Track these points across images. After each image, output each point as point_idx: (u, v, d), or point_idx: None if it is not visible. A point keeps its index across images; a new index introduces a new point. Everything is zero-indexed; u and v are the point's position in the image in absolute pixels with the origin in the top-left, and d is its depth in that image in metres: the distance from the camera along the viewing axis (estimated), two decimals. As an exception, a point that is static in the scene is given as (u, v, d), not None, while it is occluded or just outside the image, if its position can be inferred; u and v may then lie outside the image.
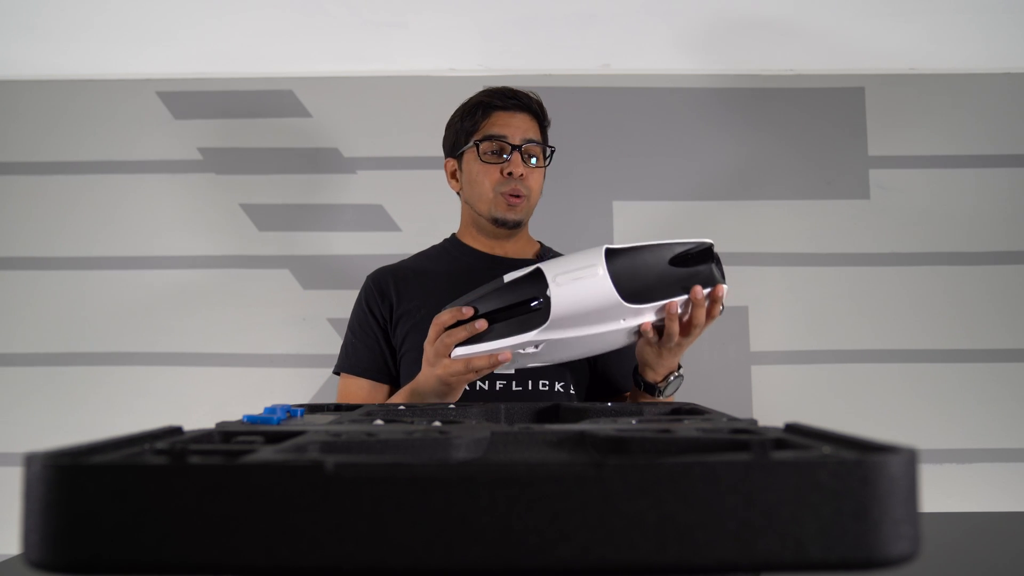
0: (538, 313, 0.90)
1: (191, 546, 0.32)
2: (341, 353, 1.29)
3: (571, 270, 0.88)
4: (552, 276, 0.88)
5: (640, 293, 0.91)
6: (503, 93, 1.27)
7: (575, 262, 0.90)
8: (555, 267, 0.90)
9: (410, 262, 1.35)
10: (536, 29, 1.81)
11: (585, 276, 0.88)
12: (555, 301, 0.87)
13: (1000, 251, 1.93)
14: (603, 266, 0.88)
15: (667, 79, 2.00)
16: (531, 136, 1.25)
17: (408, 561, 0.32)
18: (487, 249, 1.31)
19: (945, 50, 1.90)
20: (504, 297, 0.92)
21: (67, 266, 1.94)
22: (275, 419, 0.56)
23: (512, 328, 0.91)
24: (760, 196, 1.97)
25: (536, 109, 1.28)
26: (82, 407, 1.88)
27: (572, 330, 0.92)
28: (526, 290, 0.91)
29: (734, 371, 1.91)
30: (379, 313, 1.26)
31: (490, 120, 1.26)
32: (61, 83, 1.98)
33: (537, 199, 1.29)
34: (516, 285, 0.92)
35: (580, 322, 0.91)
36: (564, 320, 0.89)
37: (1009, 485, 1.84)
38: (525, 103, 1.27)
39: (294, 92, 1.99)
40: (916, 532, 0.33)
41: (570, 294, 0.88)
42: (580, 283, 0.88)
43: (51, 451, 0.35)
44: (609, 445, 0.45)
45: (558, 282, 0.88)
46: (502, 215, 1.25)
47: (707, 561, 0.32)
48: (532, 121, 1.27)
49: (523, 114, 1.27)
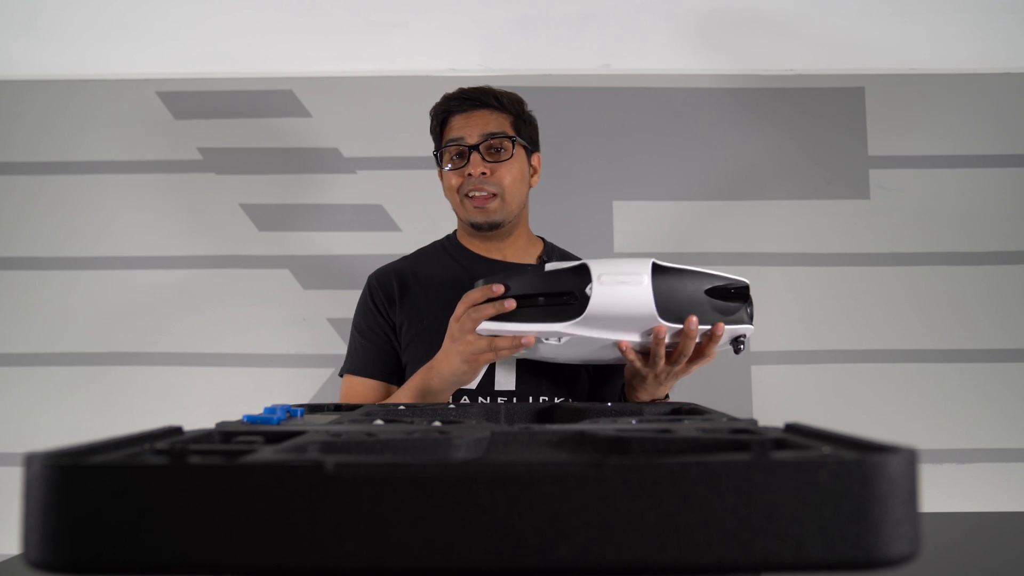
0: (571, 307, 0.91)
1: (191, 546, 0.32)
2: (348, 355, 1.27)
3: (617, 273, 0.90)
4: (597, 274, 0.90)
5: (672, 313, 0.93)
6: (457, 95, 1.25)
7: (622, 267, 0.91)
8: (601, 266, 0.91)
9: (411, 263, 1.32)
10: (536, 29, 1.81)
11: (630, 282, 0.90)
12: (595, 299, 0.89)
13: (1000, 251, 1.93)
14: (648, 277, 0.90)
15: (667, 79, 2.00)
16: (492, 130, 1.20)
17: (408, 561, 0.32)
18: (485, 252, 1.28)
19: (945, 50, 1.90)
20: (541, 284, 0.93)
21: (67, 266, 1.94)
22: (275, 419, 0.56)
23: (542, 315, 0.92)
24: (760, 196, 1.97)
25: (494, 103, 1.23)
26: (82, 407, 1.88)
27: (600, 331, 0.93)
28: (565, 282, 0.92)
29: (734, 371, 1.90)
30: (386, 313, 1.24)
31: (448, 126, 1.24)
32: (61, 83, 1.98)
33: (518, 192, 1.23)
34: (556, 275, 0.93)
35: (610, 325, 0.92)
36: (597, 320, 0.91)
37: (1009, 485, 1.84)
38: (479, 99, 1.23)
39: (294, 92, 1.99)
40: (916, 532, 0.33)
41: (611, 295, 0.90)
42: (623, 288, 0.90)
43: (51, 451, 0.35)
44: (609, 445, 0.45)
45: (602, 281, 0.90)
46: (474, 219, 1.22)
47: (707, 561, 0.32)
48: (493, 115, 1.22)
49: (480, 111, 1.23)
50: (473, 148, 1.19)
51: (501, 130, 1.22)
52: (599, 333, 0.93)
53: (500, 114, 1.24)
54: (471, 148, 1.19)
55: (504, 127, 1.23)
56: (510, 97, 1.26)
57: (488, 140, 1.20)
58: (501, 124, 1.23)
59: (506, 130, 1.22)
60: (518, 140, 1.23)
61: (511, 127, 1.24)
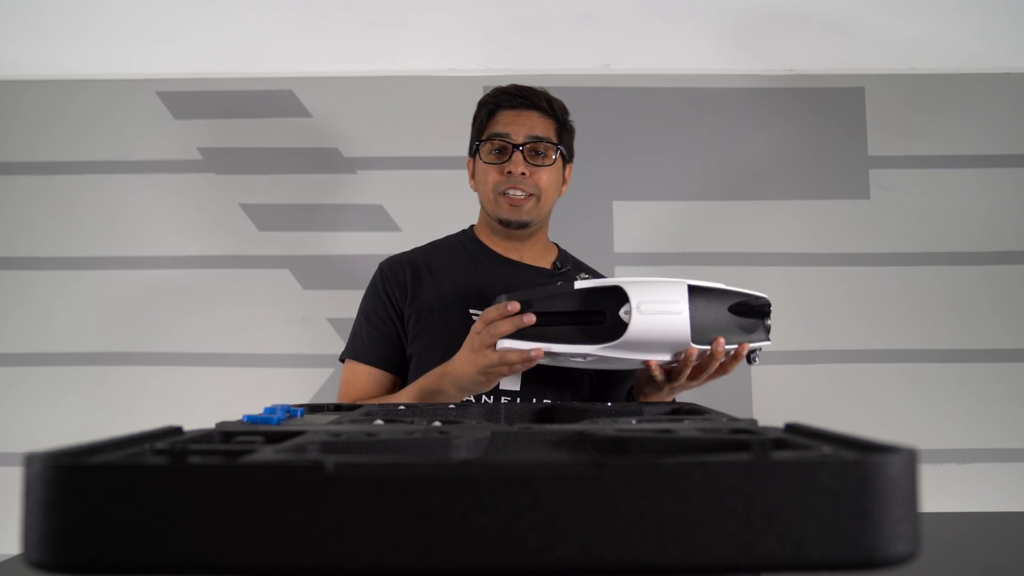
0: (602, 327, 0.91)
1: (191, 546, 0.32)
2: (351, 340, 1.26)
3: (656, 301, 0.90)
4: (637, 302, 0.89)
5: (702, 334, 0.93)
6: (510, 91, 1.26)
7: (660, 293, 0.91)
8: (639, 293, 0.90)
9: (424, 255, 1.30)
10: (536, 29, 1.81)
11: (669, 311, 0.90)
12: (633, 326, 0.89)
13: (1000, 251, 1.93)
14: (687, 304, 0.90)
15: (667, 79, 2.00)
16: (538, 134, 1.21)
17: (408, 561, 0.32)
18: (502, 251, 1.28)
19: (945, 50, 1.90)
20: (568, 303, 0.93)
21: (67, 266, 1.94)
22: (275, 419, 0.56)
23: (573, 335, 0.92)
24: (760, 196, 1.97)
25: (545, 106, 1.25)
26: (82, 407, 1.88)
27: (630, 353, 0.93)
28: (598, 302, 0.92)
29: (734, 371, 1.90)
30: (396, 302, 1.23)
31: (495, 119, 1.24)
32: (61, 83, 1.98)
33: (551, 197, 1.25)
34: (588, 295, 0.92)
35: (642, 349, 0.92)
36: (631, 344, 0.91)
37: (1009, 485, 1.84)
38: (531, 100, 1.24)
39: (294, 92, 1.99)
40: (916, 532, 0.33)
41: (650, 324, 0.90)
42: (662, 317, 0.90)
43: (51, 451, 0.35)
44: (609, 445, 0.45)
45: (642, 310, 0.89)
46: (505, 216, 1.23)
47: (707, 561, 0.32)
48: (541, 118, 1.24)
49: (530, 111, 1.24)
50: (518, 147, 1.20)
51: (547, 135, 1.23)
52: (629, 355, 0.93)
53: (548, 119, 1.25)
54: (516, 147, 1.20)
55: (549, 132, 1.24)
56: (559, 104, 1.28)
57: (534, 143, 1.21)
58: (547, 129, 1.24)
59: (551, 136, 1.24)
60: (560, 148, 1.25)
61: (555, 134, 1.25)
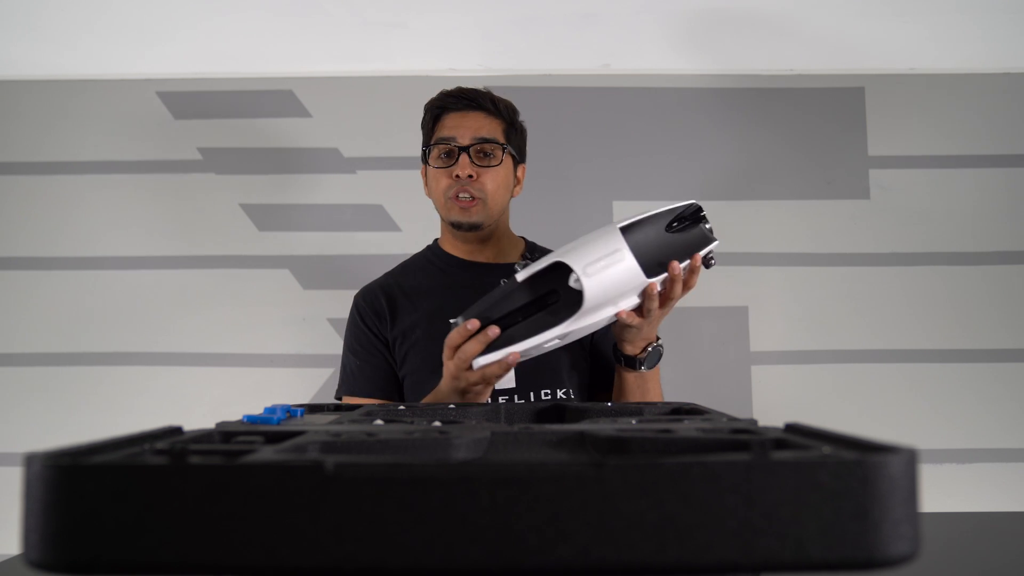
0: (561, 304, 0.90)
1: (191, 546, 0.32)
2: (343, 378, 1.25)
3: (598, 258, 0.89)
4: (581, 267, 0.88)
5: (653, 266, 0.92)
6: (454, 93, 1.25)
7: (598, 248, 0.89)
8: (579, 257, 0.89)
9: (395, 277, 1.30)
10: (536, 29, 1.81)
11: (614, 262, 0.89)
12: (588, 291, 0.88)
13: (1000, 251, 1.93)
14: (627, 249, 0.89)
15: (667, 79, 2.00)
16: (484, 135, 1.20)
17: (408, 561, 0.32)
18: (467, 255, 1.28)
19: (945, 50, 1.90)
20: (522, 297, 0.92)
21: (67, 266, 1.94)
22: (275, 419, 0.56)
23: (537, 326, 0.91)
24: (760, 196, 1.97)
25: (490, 106, 1.23)
26: (82, 407, 1.88)
27: (597, 314, 0.92)
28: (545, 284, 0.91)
29: (734, 371, 1.91)
30: (378, 331, 1.23)
31: (441, 123, 1.24)
32: (61, 83, 1.98)
33: (500, 199, 1.23)
34: (533, 282, 0.91)
35: (603, 306, 0.92)
36: (593, 307, 0.90)
37: (1009, 485, 1.84)
38: (476, 101, 1.23)
39: (294, 92, 1.99)
40: (916, 532, 0.33)
41: (602, 281, 0.88)
42: (611, 270, 0.89)
43: (51, 451, 0.35)
44: (609, 445, 0.45)
45: (588, 273, 0.88)
46: (456, 218, 1.22)
47: (707, 561, 0.32)
48: (487, 119, 1.22)
49: (476, 113, 1.22)
50: (463, 149, 1.19)
51: (493, 136, 1.22)
52: (597, 316, 0.92)
53: (494, 119, 1.24)
54: (461, 149, 1.19)
55: (496, 133, 1.23)
56: (506, 104, 1.27)
57: (479, 144, 1.20)
58: (493, 130, 1.23)
59: (498, 136, 1.23)
60: (508, 148, 1.23)
61: (502, 134, 1.24)
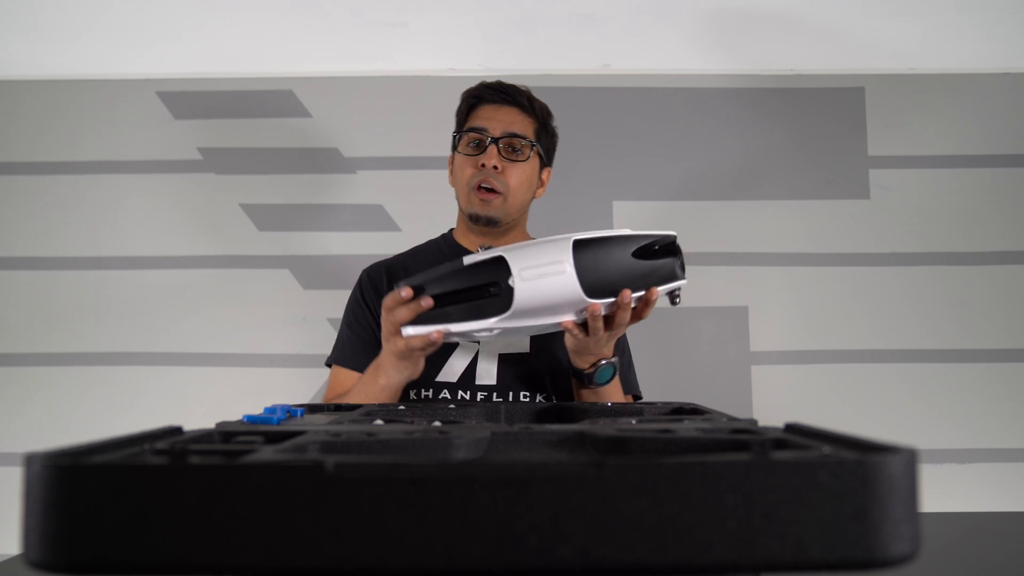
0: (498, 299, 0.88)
1: (191, 546, 0.32)
2: (336, 345, 1.28)
3: (538, 265, 0.86)
4: (517, 269, 0.86)
5: (602, 288, 0.89)
6: (493, 86, 1.26)
7: (543, 255, 0.87)
8: (521, 258, 0.87)
9: (404, 259, 1.33)
10: (536, 29, 1.81)
11: (552, 273, 0.86)
12: (519, 295, 0.86)
13: (1000, 251, 1.93)
14: (571, 263, 0.86)
15: (667, 79, 2.00)
16: (516, 130, 1.22)
17: (408, 561, 0.32)
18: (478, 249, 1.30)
19: (945, 50, 1.90)
20: (461, 280, 0.90)
21: (67, 266, 1.94)
22: (275, 419, 0.56)
23: (470, 312, 0.89)
24: (760, 196, 1.97)
25: (526, 104, 1.25)
26: (82, 407, 1.88)
27: (531, 320, 0.90)
28: (486, 275, 0.89)
29: (734, 371, 1.91)
30: (374, 307, 1.25)
31: (476, 113, 1.25)
32: (61, 83, 1.98)
33: (521, 197, 1.24)
34: (476, 270, 0.89)
35: (539, 314, 0.90)
36: (524, 312, 0.88)
37: (1009, 485, 1.84)
38: (513, 97, 1.25)
39: (294, 92, 1.99)
40: (916, 532, 0.33)
41: (534, 289, 0.86)
42: (546, 280, 0.86)
43: (51, 451, 0.35)
44: (609, 445, 0.45)
45: (523, 276, 0.86)
46: (475, 211, 1.22)
47: (707, 561, 0.32)
48: (521, 116, 1.24)
49: (510, 107, 1.24)
50: (493, 140, 1.20)
51: (524, 132, 1.23)
52: (532, 322, 0.90)
53: (527, 117, 1.25)
54: (492, 140, 1.20)
55: (527, 130, 1.24)
56: (541, 105, 1.28)
57: (509, 138, 1.21)
58: (525, 127, 1.24)
59: (528, 134, 1.24)
60: (536, 147, 1.25)
61: (533, 133, 1.25)
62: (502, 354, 1.18)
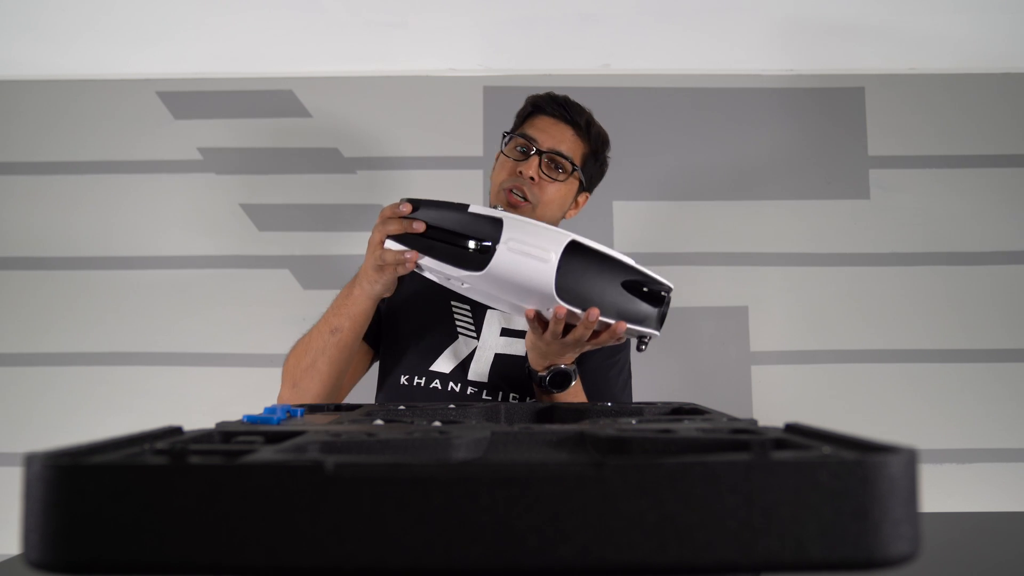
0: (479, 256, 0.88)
1: (191, 546, 0.32)
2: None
3: (527, 243, 0.87)
4: (506, 238, 0.87)
5: (574, 295, 0.89)
6: (558, 100, 1.25)
7: (537, 237, 0.88)
8: (516, 229, 0.88)
9: None
10: (536, 29, 1.81)
11: (535, 256, 0.87)
12: (496, 261, 0.87)
13: (1000, 251, 1.93)
14: (557, 256, 0.87)
15: (667, 79, 2.00)
16: (563, 150, 1.21)
17: (408, 561, 0.32)
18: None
19: (945, 50, 1.90)
20: (458, 222, 0.91)
21: (67, 266, 1.94)
22: (275, 419, 0.56)
23: (449, 255, 0.90)
24: (760, 196, 1.97)
25: (582, 126, 1.24)
26: (82, 407, 1.88)
27: (499, 291, 0.91)
28: (481, 229, 0.89)
29: (734, 371, 1.90)
30: None
31: (532, 121, 1.25)
32: (61, 83, 1.98)
33: (550, 213, 1.22)
34: (476, 220, 0.90)
35: (510, 290, 0.90)
36: (497, 281, 0.89)
37: (1009, 485, 1.84)
38: (572, 116, 1.24)
39: (294, 92, 1.99)
40: (916, 532, 0.33)
41: (513, 263, 0.87)
42: (527, 260, 0.87)
43: (51, 451, 0.35)
44: (609, 445, 0.45)
45: (509, 247, 0.87)
46: None
47: (707, 561, 0.32)
48: (574, 136, 1.23)
49: (565, 125, 1.23)
50: (538, 152, 1.20)
51: (572, 154, 1.22)
52: (499, 293, 0.91)
53: (580, 140, 1.24)
54: (537, 151, 1.20)
55: (575, 153, 1.23)
56: (599, 132, 1.28)
57: (554, 155, 1.20)
58: (574, 148, 1.23)
59: (576, 157, 1.23)
60: (578, 171, 1.24)
61: (581, 158, 1.25)
62: (499, 354, 1.18)
